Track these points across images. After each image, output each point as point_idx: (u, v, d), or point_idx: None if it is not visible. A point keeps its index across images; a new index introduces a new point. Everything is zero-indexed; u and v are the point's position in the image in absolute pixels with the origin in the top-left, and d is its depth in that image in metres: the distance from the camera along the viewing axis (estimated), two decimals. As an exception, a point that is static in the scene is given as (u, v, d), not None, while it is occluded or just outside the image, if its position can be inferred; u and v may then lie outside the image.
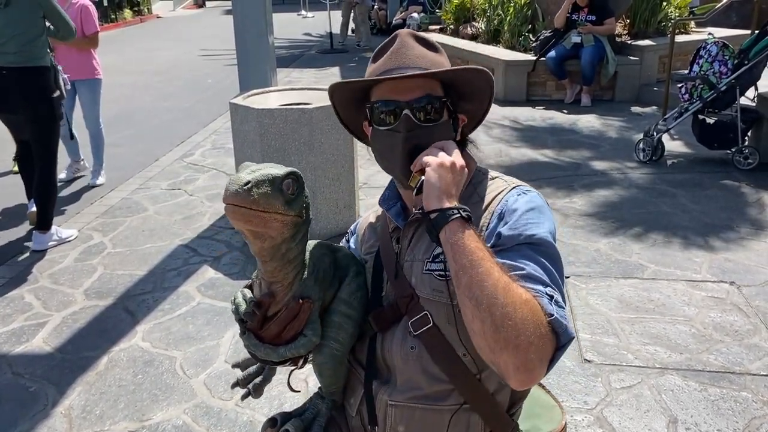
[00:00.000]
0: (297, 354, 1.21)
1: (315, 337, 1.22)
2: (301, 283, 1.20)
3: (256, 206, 1.04)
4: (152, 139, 6.82)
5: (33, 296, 3.55)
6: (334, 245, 1.38)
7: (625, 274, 3.58)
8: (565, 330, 1.08)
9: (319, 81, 9.46)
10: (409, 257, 1.30)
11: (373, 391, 1.31)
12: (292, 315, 1.19)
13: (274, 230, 1.09)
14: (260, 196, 1.04)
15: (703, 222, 4.24)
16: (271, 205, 1.06)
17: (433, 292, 1.24)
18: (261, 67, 5.58)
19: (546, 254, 1.16)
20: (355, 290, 1.31)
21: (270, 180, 1.07)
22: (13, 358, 2.98)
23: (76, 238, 4.27)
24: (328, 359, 1.27)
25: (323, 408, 1.37)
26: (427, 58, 1.27)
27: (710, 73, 5.22)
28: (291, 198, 1.10)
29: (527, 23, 8.44)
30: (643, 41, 7.89)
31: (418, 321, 1.25)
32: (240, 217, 1.05)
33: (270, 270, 1.17)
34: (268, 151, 3.91)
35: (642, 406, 2.52)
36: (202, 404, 2.63)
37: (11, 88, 3.90)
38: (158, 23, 19.93)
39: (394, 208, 1.36)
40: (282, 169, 1.10)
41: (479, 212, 1.24)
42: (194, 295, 3.50)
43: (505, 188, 1.27)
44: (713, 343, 2.92)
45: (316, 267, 1.24)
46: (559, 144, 6.09)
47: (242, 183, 1.03)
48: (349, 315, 1.29)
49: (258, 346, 1.21)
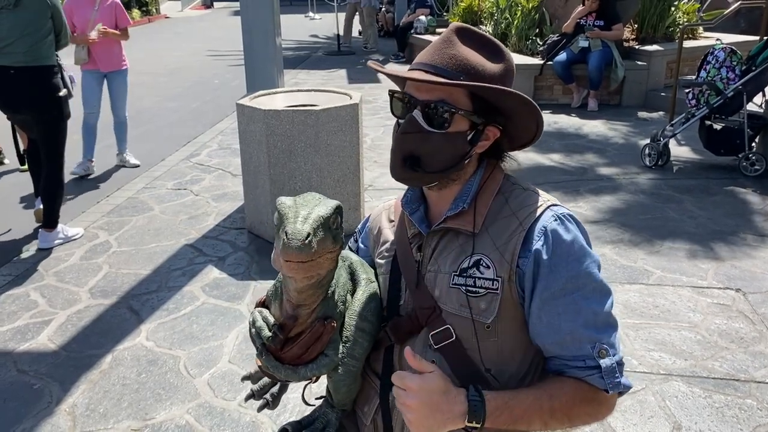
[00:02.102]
0: (318, 374, 1.20)
1: (336, 356, 1.20)
2: (325, 304, 1.17)
3: (318, 256, 1.03)
4: (159, 139, 6.84)
5: (38, 294, 3.56)
6: (344, 254, 1.33)
7: (630, 279, 3.57)
8: (621, 387, 1.15)
9: (326, 83, 9.47)
10: (432, 267, 1.25)
11: (389, 403, 1.28)
12: (316, 337, 1.17)
13: (326, 268, 1.08)
14: (318, 245, 1.02)
15: (709, 228, 4.23)
16: (326, 248, 1.05)
17: (460, 307, 1.20)
18: (268, 68, 5.60)
19: (593, 292, 1.17)
20: (368, 301, 1.28)
21: (323, 224, 1.04)
22: (18, 356, 2.99)
23: (82, 236, 4.28)
24: (345, 376, 1.25)
25: (333, 417, 1.36)
26: (464, 61, 1.18)
27: (717, 79, 5.20)
28: (337, 233, 1.08)
29: (535, 27, 8.44)
30: (651, 46, 7.88)
31: (440, 334, 1.21)
32: (303, 272, 1.03)
33: (303, 297, 1.13)
34: (274, 152, 3.92)
35: (646, 412, 2.51)
36: (206, 404, 2.63)
37: (19, 88, 3.92)
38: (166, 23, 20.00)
39: (417, 213, 1.30)
40: (328, 206, 1.07)
41: (512, 227, 1.20)
42: (199, 295, 3.51)
43: (541, 206, 1.21)
44: (718, 350, 2.91)
45: (336, 284, 1.21)
46: (566, 148, 6.08)
47: (303, 237, 1.00)
48: (363, 328, 1.25)
49: (278, 368, 1.18)
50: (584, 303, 1.15)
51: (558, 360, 1.17)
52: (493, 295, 1.18)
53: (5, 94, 3.98)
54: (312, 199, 1.09)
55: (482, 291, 1.18)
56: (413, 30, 11.32)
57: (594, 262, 1.19)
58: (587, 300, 1.16)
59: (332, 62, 11.82)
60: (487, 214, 1.22)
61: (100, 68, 5.37)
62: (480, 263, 1.19)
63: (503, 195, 1.24)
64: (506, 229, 1.20)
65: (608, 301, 1.18)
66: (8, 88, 3.95)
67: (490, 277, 1.18)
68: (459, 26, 1.23)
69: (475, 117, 1.19)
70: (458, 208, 1.23)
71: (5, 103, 4.04)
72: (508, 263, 1.17)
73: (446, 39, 1.21)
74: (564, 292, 1.15)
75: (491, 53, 1.22)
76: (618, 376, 1.14)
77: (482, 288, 1.18)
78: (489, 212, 1.23)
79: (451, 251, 1.23)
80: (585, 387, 1.14)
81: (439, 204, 1.29)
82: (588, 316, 1.15)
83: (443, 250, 1.25)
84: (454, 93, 1.17)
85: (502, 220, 1.21)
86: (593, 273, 1.18)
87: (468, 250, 1.21)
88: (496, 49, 1.23)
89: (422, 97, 1.18)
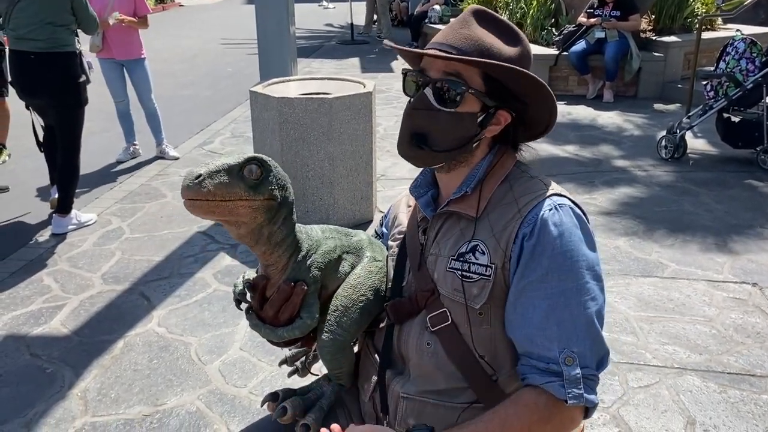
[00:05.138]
0: (293, 336, 1.21)
1: (310, 320, 1.22)
2: (295, 266, 1.20)
3: (213, 197, 1.03)
4: (172, 127, 6.83)
5: (52, 279, 3.58)
6: (348, 230, 1.37)
7: (644, 272, 3.53)
8: (583, 401, 1.08)
9: (339, 72, 9.44)
10: (434, 251, 1.25)
11: (386, 381, 1.29)
12: (284, 298, 1.19)
13: (244, 216, 1.08)
14: (215, 187, 1.03)
15: (725, 222, 4.17)
16: (232, 194, 1.05)
17: (454, 291, 1.20)
18: (282, 57, 5.58)
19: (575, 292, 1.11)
20: (366, 276, 1.29)
21: (226, 170, 1.05)
22: (31, 340, 3.01)
23: (95, 222, 4.30)
24: (328, 343, 1.25)
25: (328, 390, 1.36)
26: (480, 41, 1.16)
27: (737, 70, 5.12)
28: (255, 183, 1.08)
29: (550, 17, 8.35)
30: (668, 37, 7.77)
31: (437, 317, 1.22)
32: (198, 211, 1.04)
33: (260, 254, 1.17)
34: (287, 140, 3.90)
35: (659, 406, 2.48)
36: (216, 391, 2.63)
37: (39, 73, 3.94)
38: (180, 11, 20.00)
39: (424, 198, 1.31)
40: (241, 156, 1.09)
41: (509, 214, 1.18)
42: (210, 282, 3.51)
43: (542, 194, 1.18)
44: (734, 344, 2.87)
45: (313, 249, 1.24)
46: (581, 140, 6.02)
47: (193, 177, 1.03)
48: (357, 300, 1.27)
49: (259, 326, 1.23)
50: (562, 300, 1.10)
51: (525, 359, 1.13)
52: (485, 281, 1.17)
53: (24, 80, 4.00)
54: (234, 154, 1.11)
55: (476, 277, 1.17)
56: (427, 19, 11.23)
57: (585, 261, 1.13)
58: (566, 298, 1.11)
59: (345, 51, 11.77)
60: (490, 199, 1.21)
61: (115, 56, 5.32)
62: (476, 249, 1.18)
63: (509, 182, 1.23)
64: (505, 216, 1.18)
65: (592, 308, 1.12)
66: (28, 74, 3.97)
67: (484, 263, 1.17)
68: (476, 8, 1.22)
69: (487, 99, 1.18)
70: (461, 192, 1.22)
71: (24, 88, 4.05)
72: (502, 250, 1.16)
73: (463, 20, 1.20)
74: (542, 283, 1.11)
75: (508, 37, 1.20)
76: (581, 387, 1.08)
77: (476, 274, 1.17)
78: (492, 198, 1.21)
79: (452, 235, 1.23)
80: (543, 400, 1.08)
81: (448, 188, 1.28)
82: (563, 315, 1.10)
83: (445, 233, 1.25)
84: (468, 72, 1.16)
85: (503, 206, 1.20)
86: (580, 272, 1.12)
87: (467, 235, 1.20)
88: (513, 33, 1.21)
89: (434, 75, 1.17)
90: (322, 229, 1.31)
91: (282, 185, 1.15)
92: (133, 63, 5.41)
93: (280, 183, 1.14)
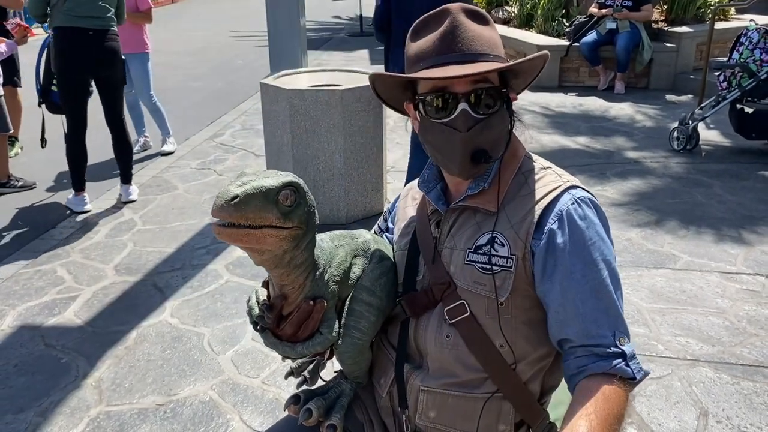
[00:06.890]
0: (314, 351, 1.20)
1: (330, 335, 1.19)
2: (313, 284, 1.16)
3: (246, 221, 0.97)
4: (183, 119, 6.86)
5: (65, 270, 3.61)
6: (352, 232, 1.33)
7: (656, 264, 3.51)
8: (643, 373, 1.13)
9: (348, 64, 9.42)
10: (449, 244, 1.26)
11: (404, 375, 1.29)
12: (305, 316, 1.17)
13: (270, 245, 1.03)
14: (250, 210, 0.97)
15: (739, 213, 4.14)
16: (264, 218, 0.99)
17: (474, 284, 1.20)
18: (292, 49, 5.59)
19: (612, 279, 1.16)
20: (378, 277, 1.28)
21: (263, 193, 0.99)
22: (46, 330, 3.04)
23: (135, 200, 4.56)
24: (349, 348, 1.25)
25: (347, 388, 1.36)
26: (483, 38, 1.18)
27: (751, 60, 5.07)
28: (287, 209, 1.02)
29: (561, 8, 8.28)
30: (681, 28, 7.69)
31: (455, 309, 1.22)
32: (227, 237, 0.98)
33: (277, 276, 1.12)
34: (298, 132, 3.91)
35: (672, 398, 2.48)
36: (229, 381, 2.65)
37: (98, 49, 4.19)
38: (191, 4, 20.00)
39: (434, 191, 1.31)
40: (279, 179, 1.02)
41: (528, 206, 1.19)
42: (223, 273, 3.53)
43: (559, 186, 1.21)
44: (747, 336, 2.86)
45: (328, 263, 1.20)
46: (592, 131, 5.99)
47: (229, 197, 0.95)
48: (371, 303, 1.25)
49: (276, 345, 1.19)
50: (604, 290, 1.15)
51: (581, 350, 1.14)
52: (507, 273, 1.18)
53: (83, 54, 4.18)
54: (270, 174, 1.04)
55: (497, 269, 1.18)
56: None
57: (609, 249, 1.18)
58: (605, 285, 1.15)
59: (355, 43, 11.74)
60: (506, 192, 1.22)
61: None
62: (495, 240, 1.19)
63: (522, 174, 1.25)
64: (522, 208, 1.20)
65: (621, 291, 1.19)
66: (86, 49, 4.17)
67: (505, 254, 1.18)
68: (458, 7, 1.19)
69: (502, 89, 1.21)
70: (479, 188, 1.23)
71: (82, 62, 4.19)
72: (522, 241, 1.18)
73: (455, 23, 1.17)
74: (584, 277, 1.15)
75: (486, 21, 1.22)
76: (638, 361, 1.13)
77: (497, 266, 1.18)
78: (508, 190, 1.23)
79: (468, 228, 1.24)
80: (616, 383, 1.09)
81: (457, 181, 1.28)
82: (609, 302, 1.15)
83: (460, 227, 1.25)
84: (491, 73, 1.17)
85: (519, 198, 1.21)
86: (610, 260, 1.17)
87: (484, 227, 1.22)
88: (486, 17, 1.23)
89: (466, 89, 1.16)
90: (330, 237, 1.27)
91: (311, 212, 1.10)
92: (132, 57, 5.34)
93: (309, 209, 1.10)
